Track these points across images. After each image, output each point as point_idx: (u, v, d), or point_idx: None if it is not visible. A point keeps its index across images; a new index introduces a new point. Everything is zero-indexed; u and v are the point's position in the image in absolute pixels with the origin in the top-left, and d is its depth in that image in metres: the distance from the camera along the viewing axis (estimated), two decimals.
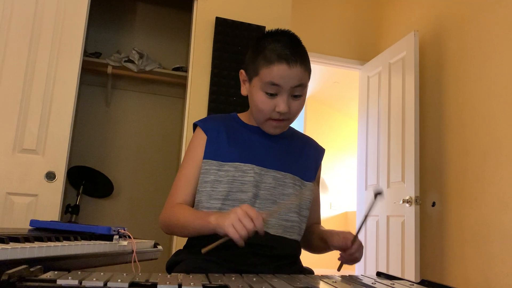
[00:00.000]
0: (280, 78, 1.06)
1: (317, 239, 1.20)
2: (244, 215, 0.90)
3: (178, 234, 1.12)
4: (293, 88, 1.08)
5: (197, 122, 1.20)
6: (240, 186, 1.09)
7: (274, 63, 1.06)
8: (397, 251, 3.12)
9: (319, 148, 1.30)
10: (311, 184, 1.20)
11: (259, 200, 1.10)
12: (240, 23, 2.85)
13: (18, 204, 2.26)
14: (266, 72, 1.07)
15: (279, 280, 0.75)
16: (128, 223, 3.01)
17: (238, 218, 0.90)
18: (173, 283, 0.62)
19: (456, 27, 3.08)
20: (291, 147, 1.22)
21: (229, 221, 0.90)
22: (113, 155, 3.22)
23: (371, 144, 3.70)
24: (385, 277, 0.90)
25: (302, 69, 1.08)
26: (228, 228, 0.90)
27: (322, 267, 6.22)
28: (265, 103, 1.09)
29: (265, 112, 1.10)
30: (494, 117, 2.67)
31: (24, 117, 2.33)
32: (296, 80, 1.07)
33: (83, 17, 2.49)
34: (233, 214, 0.91)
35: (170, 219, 1.10)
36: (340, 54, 3.96)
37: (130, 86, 3.31)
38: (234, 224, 0.90)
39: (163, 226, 1.13)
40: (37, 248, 0.87)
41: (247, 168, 1.11)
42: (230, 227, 0.90)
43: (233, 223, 0.90)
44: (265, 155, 1.15)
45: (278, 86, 1.07)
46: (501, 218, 2.54)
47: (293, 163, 1.18)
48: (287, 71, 1.06)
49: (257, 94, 1.10)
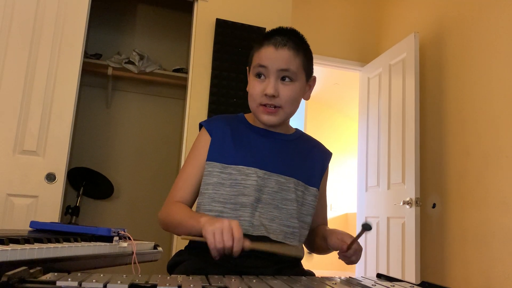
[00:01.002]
0: (266, 59, 1.10)
1: (320, 238, 1.19)
2: (228, 230, 0.89)
3: (173, 231, 1.12)
4: (280, 71, 1.09)
5: (202, 123, 1.20)
6: (242, 189, 1.09)
7: (263, 45, 1.11)
8: (398, 253, 3.12)
9: (326, 152, 1.28)
10: (315, 190, 1.19)
11: (261, 204, 1.09)
12: (241, 25, 2.85)
13: (18, 206, 2.26)
14: (256, 56, 1.13)
15: (279, 282, 0.75)
16: (128, 225, 3.00)
17: (222, 231, 0.89)
18: (172, 284, 0.62)
19: (456, 28, 3.08)
20: (297, 150, 1.21)
21: (212, 229, 0.90)
22: (114, 157, 3.22)
23: (371, 145, 3.70)
24: (386, 278, 0.90)
25: (290, 53, 1.10)
26: (208, 234, 0.90)
27: (323, 269, 6.21)
28: (255, 88, 1.12)
29: (254, 96, 1.12)
30: (494, 118, 2.66)
31: (24, 118, 2.33)
32: (282, 63, 1.09)
33: (84, 18, 2.49)
34: (219, 224, 0.90)
35: (167, 216, 1.11)
36: (341, 56, 3.96)
37: (130, 88, 3.31)
38: (215, 234, 0.89)
39: (161, 222, 1.14)
40: (37, 249, 0.87)
41: (250, 171, 1.10)
42: (210, 234, 0.89)
43: (215, 232, 0.89)
44: (269, 158, 1.14)
45: (265, 68, 1.10)
46: (502, 220, 2.53)
47: (297, 168, 1.17)
48: (274, 53, 1.09)
49: (250, 81, 1.15)
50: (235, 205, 1.08)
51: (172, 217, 1.09)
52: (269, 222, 1.08)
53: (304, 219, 1.16)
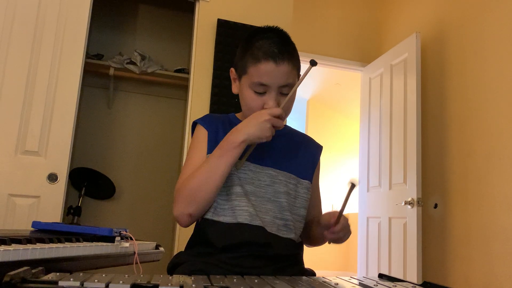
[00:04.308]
0: (267, 77, 1.07)
1: (315, 225, 1.19)
2: (268, 120, 1.02)
3: (202, 193, 1.03)
4: (281, 86, 1.09)
5: (196, 120, 1.21)
6: (235, 180, 1.09)
7: (261, 61, 1.07)
8: (399, 253, 3.12)
9: (317, 145, 1.29)
10: (307, 182, 1.20)
11: (253, 197, 1.10)
12: (242, 25, 2.85)
13: (20, 206, 2.27)
14: (253, 71, 1.08)
15: (281, 282, 0.75)
16: (130, 225, 3.01)
17: (271, 124, 1.02)
18: (174, 284, 0.62)
19: (457, 28, 3.08)
20: (288, 145, 1.22)
21: (262, 125, 1.01)
22: (115, 157, 3.22)
23: (373, 145, 3.70)
24: (387, 279, 0.90)
25: (290, 66, 1.08)
26: (260, 131, 1.02)
27: (324, 269, 6.21)
28: (254, 101, 1.10)
29: (254, 110, 1.10)
30: (496, 118, 2.66)
31: (26, 119, 2.33)
32: (283, 79, 1.08)
33: (85, 19, 2.50)
34: (255, 121, 1.03)
35: (187, 189, 1.04)
36: (342, 56, 3.96)
37: (132, 88, 3.31)
38: (263, 129, 1.02)
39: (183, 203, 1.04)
40: (39, 249, 0.87)
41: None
42: (260, 131, 1.02)
43: (261, 127, 1.02)
44: (261, 153, 1.15)
45: (266, 86, 1.08)
46: (504, 220, 2.53)
47: (289, 161, 1.18)
48: (275, 70, 1.06)
49: (247, 92, 1.12)
50: (229, 195, 1.08)
51: (193, 183, 1.03)
52: (263, 214, 1.09)
53: (297, 212, 1.16)
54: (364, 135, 3.88)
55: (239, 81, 1.16)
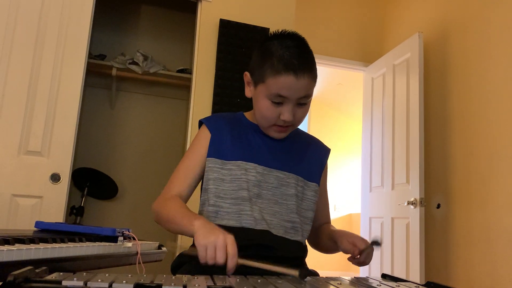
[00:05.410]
0: (287, 90, 1.04)
1: (327, 239, 1.19)
2: (222, 248, 0.85)
3: (164, 226, 1.08)
4: (300, 98, 1.07)
5: (202, 120, 1.21)
6: (242, 184, 1.09)
7: (281, 73, 1.03)
8: (402, 253, 3.11)
9: (324, 148, 1.29)
10: (315, 185, 1.20)
11: (261, 199, 1.10)
12: (244, 25, 2.85)
13: (23, 206, 2.27)
14: (272, 82, 1.05)
15: (284, 282, 0.75)
16: (132, 225, 3.01)
17: (215, 247, 0.85)
18: (178, 284, 0.62)
19: (460, 28, 3.07)
20: (295, 147, 1.22)
21: (205, 243, 0.86)
22: (118, 157, 3.23)
23: (375, 145, 3.69)
24: (390, 279, 0.90)
25: (309, 79, 1.06)
26: (200, 248, 0.86)
27: (328, 269, 6.20)
28: (270, 111, 1.08)
29: (269, 119, 1.10)
30: (499, 118, 2.65)
31: (29, 119, 2.34)
32: (302, 92, 1.06)
33: (88, 19, 2.50)
34: (214, 238, 0.86)
35: (160, 209, 1.09)
36: (344, 56, 3.96)
37: (134, 88, 3.32)
38: (208, 249, 0.85)
39: (153, 214, 1.12)
40: (42, 249, 0.87)
41: (250, 167, 1.12)
42: (203, 249, 0.86)
43: (208, 247, 0.85)
44: (268, 155, 1.15)
45: (284, 97, 1.06)
46: (507, 220, 2.52)
47: (296, 164, 1.18)
48: (295, 83, 1.03)
49: (263, 101, 1.09)
50: (235, 199, 1.08)
51: (166, 212, 1.06)
52: (270, 217, 1.09)
53: (305, 214, 1.16)
54: (366, 135, 3.88)
55: (254, 87, 1.13)
